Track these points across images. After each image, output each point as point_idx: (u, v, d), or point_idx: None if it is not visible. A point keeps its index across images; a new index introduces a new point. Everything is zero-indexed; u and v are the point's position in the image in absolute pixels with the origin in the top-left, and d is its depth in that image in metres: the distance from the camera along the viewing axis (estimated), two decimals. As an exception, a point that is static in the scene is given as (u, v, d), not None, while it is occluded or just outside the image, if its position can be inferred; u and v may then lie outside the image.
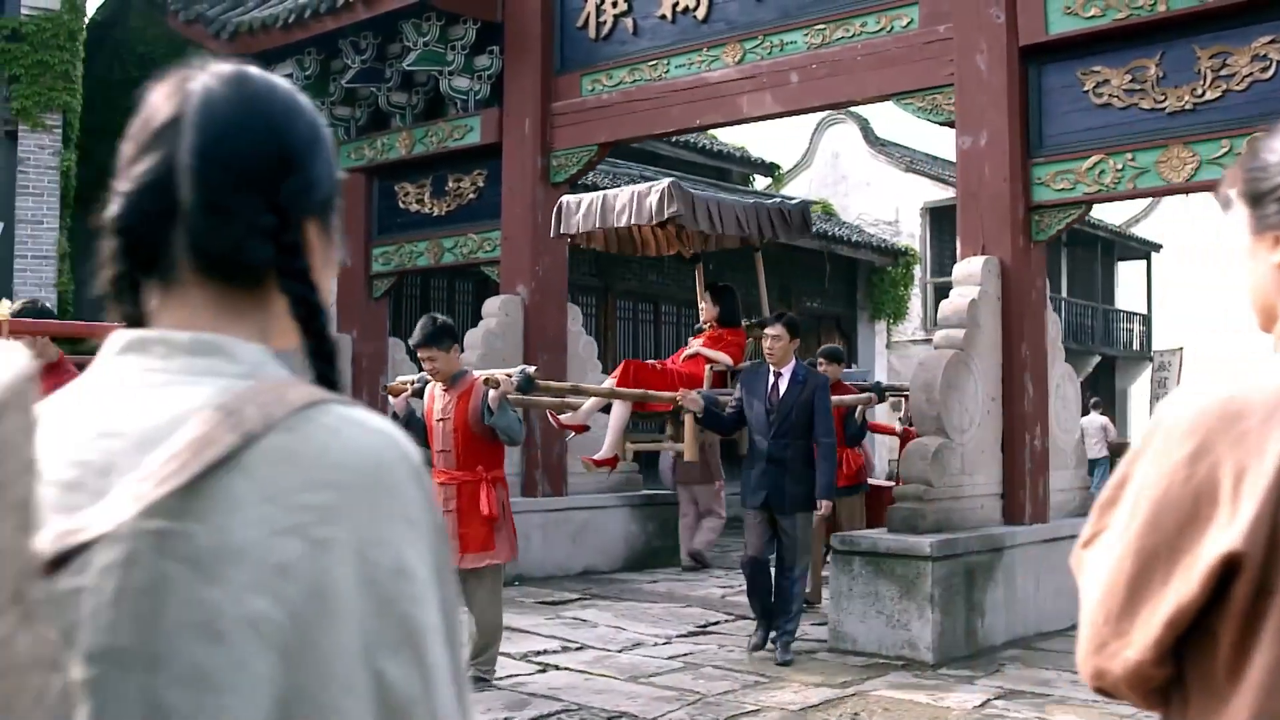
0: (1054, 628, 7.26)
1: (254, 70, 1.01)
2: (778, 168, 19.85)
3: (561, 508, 9.48)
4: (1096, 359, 22.98)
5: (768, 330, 6.60)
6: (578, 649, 6.64)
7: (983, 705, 5.51)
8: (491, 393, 5.33)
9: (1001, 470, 7.33)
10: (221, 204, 0.94)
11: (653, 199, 7.55)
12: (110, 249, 0.97)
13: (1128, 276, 25.12)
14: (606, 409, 7.81)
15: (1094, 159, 7.19)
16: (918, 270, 19.46)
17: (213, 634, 0.82)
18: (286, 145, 0.97)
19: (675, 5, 9.14)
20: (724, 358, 7.91)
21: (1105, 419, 18.19)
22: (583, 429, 7.79)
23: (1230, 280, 24.41)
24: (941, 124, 7.88)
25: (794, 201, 9.04)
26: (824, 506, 6.26)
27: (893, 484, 8.45)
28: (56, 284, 11.22)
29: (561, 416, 7.51)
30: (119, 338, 0.96)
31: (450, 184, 10.50)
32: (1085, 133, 7.27)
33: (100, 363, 0.96)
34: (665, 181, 7.74)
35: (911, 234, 20.27)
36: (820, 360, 8.22)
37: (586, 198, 8.24)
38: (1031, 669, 6.29)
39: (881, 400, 8.64)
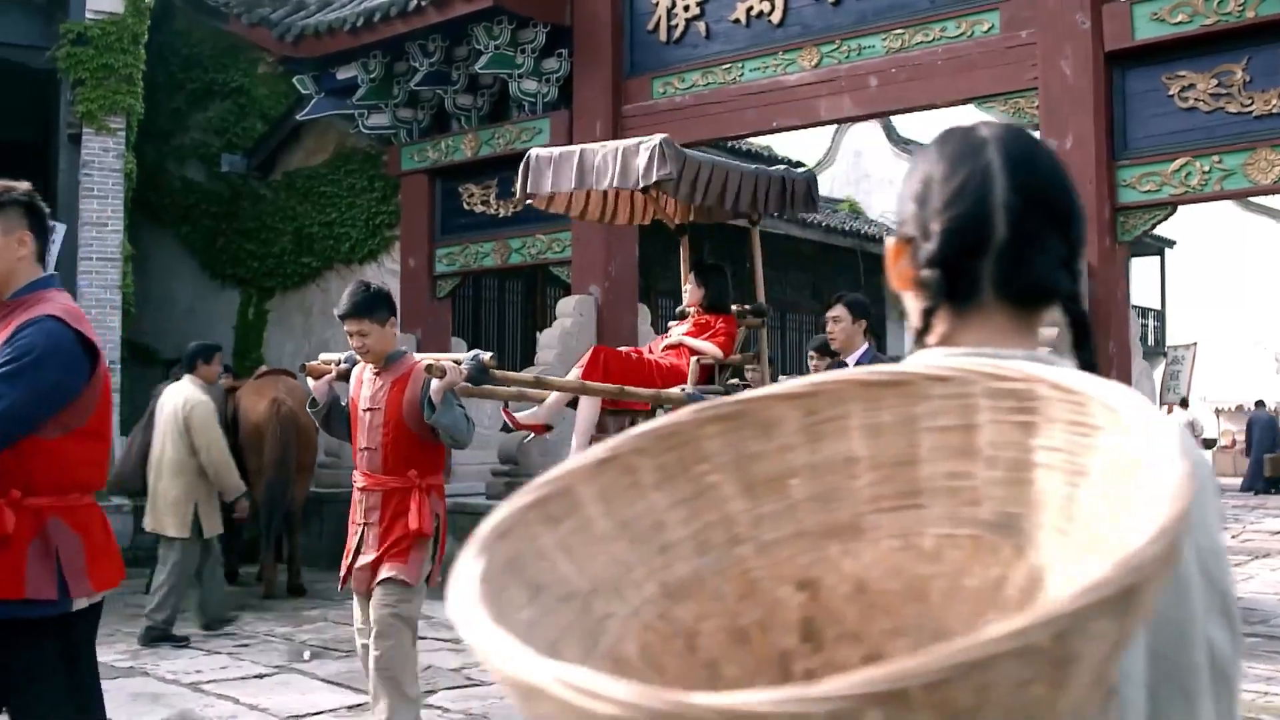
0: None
1: (1024, 129, 1.18)
2: (804, 166, 20.02)
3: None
4: (1113, 354, 23.22)
5: (829, 313, 6.07)
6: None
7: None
8: (435, 383, 4.28)
9: (1090, 465, 7.51)
10: (1037, 240, 1.11)
11: (641, 159, 6.16)
12: (928, 281, 1.13)
13: (1141, 272, 25.38)
14: (575, 403, 6.45)
15: (1180, 161, 7.38)
16: (944, 268, 19.68)
17: None
18: (1073, 192, 1.15)
19: (749, 9, 9.30)
20: (712, 349, 6.61)
21: (1193, 416, 18.81)
22: (543, 429, 6.43)
23: (1244, 276, 24.70)
24: (1024, 127, 8.05)
25: (800, 171, 7.51)
26: None
27: None
28: (121, 285, 11.31)
29: (520, 415, 6.20)
30: (933, 356, 1.13)
31: (516, 185, 10.60)
32: (1171, 136, 7.46)
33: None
34: (657, 139, 6.20)
35: (934, 232, 20.48)
36: (813, 354, 7.88)
37: (560, 152, 6.71)
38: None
39: None
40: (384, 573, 4.23)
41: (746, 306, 6.97)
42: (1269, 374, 25.41)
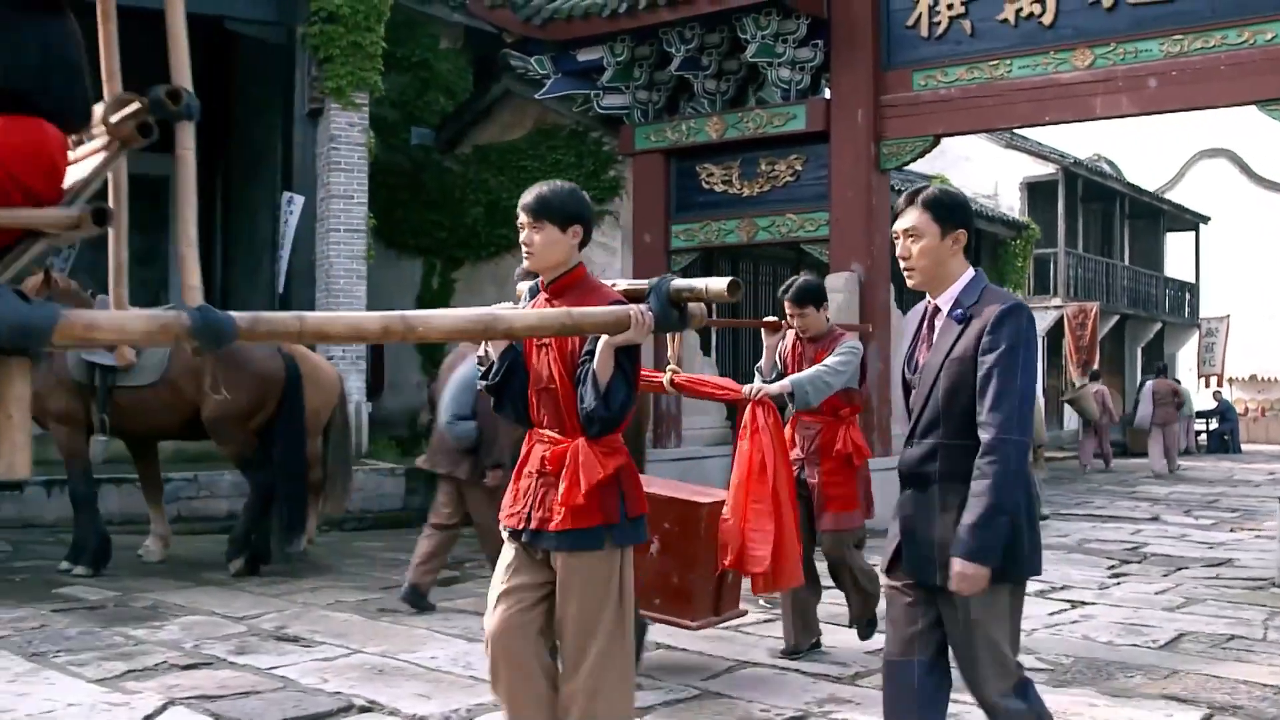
0: None
1: None
2: (891, 143, 20.85)
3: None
4: (1158, 326, 24.51)
5: (896, 224, 3.09)
6: (1061, 588, 7.64)
7: None
8: None
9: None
10: None
11: None
12: None
13: (1176, 247, 26.71)
14: None
15: None
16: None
17: None
18: None
19: (1019, 10, 10.05)
20: None
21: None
22: None
23: (1272, 252, 26.16)
24: (1306, 129, 8.97)
25: None
26: (956, 573, 2.84)
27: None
28: (366, 256, 11.77)
29: None
30: None
31: (763, 166, 11.30)
32: None
33: None
34: None
35: (1010, 207, 21.46)
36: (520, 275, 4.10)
37: None
38: None
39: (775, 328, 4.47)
40: None
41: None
42: (1283, 344, 27.01)
